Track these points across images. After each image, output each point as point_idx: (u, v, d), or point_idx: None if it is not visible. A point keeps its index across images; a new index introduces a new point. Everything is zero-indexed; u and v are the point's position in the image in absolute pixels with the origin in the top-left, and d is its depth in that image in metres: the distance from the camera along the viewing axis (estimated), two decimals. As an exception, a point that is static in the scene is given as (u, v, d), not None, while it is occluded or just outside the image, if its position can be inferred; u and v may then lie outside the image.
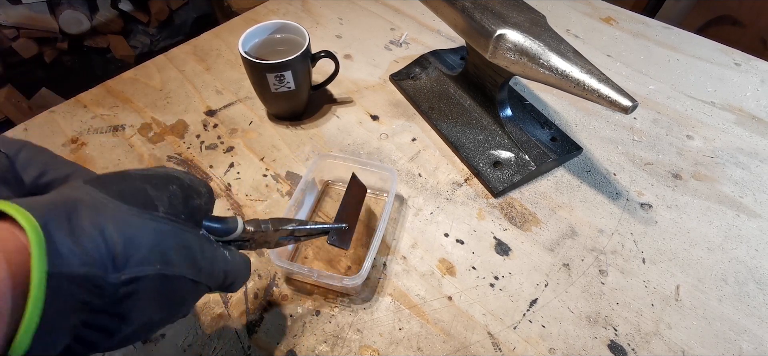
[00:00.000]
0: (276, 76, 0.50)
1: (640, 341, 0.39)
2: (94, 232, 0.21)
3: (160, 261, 0.23)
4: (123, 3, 1.57)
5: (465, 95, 0.58)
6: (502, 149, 0.52)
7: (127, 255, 0.22)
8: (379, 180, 0.48)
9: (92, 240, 0.21)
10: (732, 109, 0.60)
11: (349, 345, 0.38)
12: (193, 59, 0.66)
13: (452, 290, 0.42)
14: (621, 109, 0.39)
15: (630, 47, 0.70)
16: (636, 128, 0.58)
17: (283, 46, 0.54)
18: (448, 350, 0.38)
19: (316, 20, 0.75)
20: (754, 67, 0.66)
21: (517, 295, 0.42)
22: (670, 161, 0.54)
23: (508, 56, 0.44)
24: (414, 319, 0.40)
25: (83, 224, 0.21)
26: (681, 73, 0.65)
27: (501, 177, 0.50)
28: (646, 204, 0.49)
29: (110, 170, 0.51)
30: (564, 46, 0.43)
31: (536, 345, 0.39)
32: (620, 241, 0.46)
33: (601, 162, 0.53)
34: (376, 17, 0.76)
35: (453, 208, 0.49)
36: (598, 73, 0.41)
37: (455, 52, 0.66)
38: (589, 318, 0.40)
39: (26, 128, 0.56)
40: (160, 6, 1.63)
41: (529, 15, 0.47)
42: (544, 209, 0.48)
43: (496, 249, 0.45)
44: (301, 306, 0.41)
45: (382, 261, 0.44)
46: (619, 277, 0.43)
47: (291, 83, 0.51)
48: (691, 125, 0.58)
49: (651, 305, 0.41)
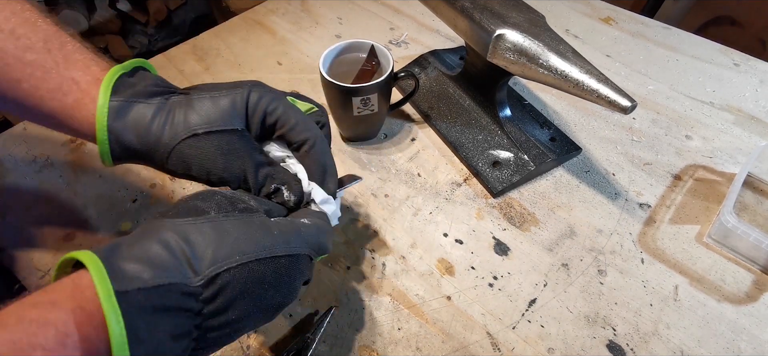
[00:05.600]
0: (362, 99, 0.48)
1: (638, 341, 0.39)
2: (156, 247, 0.23)
3: (235, 251, 0.24)
4: (121, 3, 1.57)
5: (464, 94, 0.58)
6: (501, 149, 0.52)
7: (199, 257, 0.23)
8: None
9: (158, 255, 0.23)
10: (731, 109, 0.60)
11: (347, 344, 0.38)
12: (192, 59, 0.66)
13: (451, 290, 0.42)
14: (620, 109, 0.39)
15: (629, 47, 0.70)
16: (635, 128, 0.58)
17: (344, 66, 0.53)
18: (447, 350, 0.38)
19: (316, 20, 0.75)
20: (753, 68, 0.66)
21: (516, 295, 0.42)
22: (669, 161, 0.54)
23: (508, 56, 0.44)
24: (413, 319, 0.40)
25: (145, 245, 0.23)
26: (680, 74, 0.65)
27: (500, 177, 0.50)
28: (644, 204, 0.49)
29: (108, 170, 0.51)
30: (563, 46, 0.43)
31: (535, 344, 0.39)
32: (619, 241, 0.46)
33: (600, 162, 0.53)
34: (375, 17, 0.76)
35: (452, 208, 0.49)
36: (598, 73, 0.41)
37: (454, 52, 0.66)
38: (587, 317, 0.40)
39: (25, 128, 0.56)
40: (159, 6, 1.63)
41: (528, 15, 0.47)
42: (543, 209, 0.49)
43: (495, 249, 0.45)
44: (300, 305, 0.41)
45: (381, 261, 0.44)
46: (617, 277, 0.43)
47: (375, 106, 0.49)
48: (690, 125, 0.58)
49: (650, 305, 0.41)
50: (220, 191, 0.27)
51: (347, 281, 0.43)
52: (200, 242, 0.24)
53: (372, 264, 0.44)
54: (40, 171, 0.51)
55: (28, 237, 0.45)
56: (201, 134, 0.29)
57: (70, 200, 0.48)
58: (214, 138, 0.29)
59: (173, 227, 0.24)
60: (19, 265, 0.43)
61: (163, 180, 0.50)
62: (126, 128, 0.29)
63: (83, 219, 0.47)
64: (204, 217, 0.25)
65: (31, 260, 0.44)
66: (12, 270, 0.43)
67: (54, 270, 0.23)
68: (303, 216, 0.29)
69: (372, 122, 0.53)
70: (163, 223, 0.24)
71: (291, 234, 0.27)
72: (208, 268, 0.23)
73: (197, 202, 0.26)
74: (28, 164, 0.52)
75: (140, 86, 0.29)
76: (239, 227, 0.25)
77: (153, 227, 0.24)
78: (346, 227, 0.47)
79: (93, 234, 0.46)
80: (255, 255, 0.25)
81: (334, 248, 0.45)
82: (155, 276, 0.22)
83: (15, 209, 0.48)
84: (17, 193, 0.49)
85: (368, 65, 0.54)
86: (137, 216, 0.47)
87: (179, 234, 0.24)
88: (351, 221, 0.47)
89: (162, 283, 0.22)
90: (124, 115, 0.29)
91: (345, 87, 0.47)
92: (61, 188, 0.50)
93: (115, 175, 0.51)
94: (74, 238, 0.45)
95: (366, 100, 0.48)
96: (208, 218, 0.25)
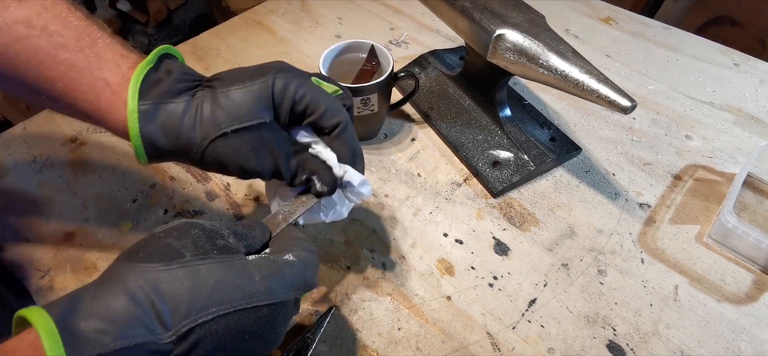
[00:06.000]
0: (362, 99, 0.48)
1: (638, 341, 0.39)
2: (122, 302, 0.21)
3: (212, 303, 0.22)
4: (121, 3, 1.57)
5: (464, 94, 0.58)
6: (501, 149, 0.52)
7: (171, 310, 0.21)
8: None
9: (123, 311, 0.20)
10: (731, 109, 0.60)
11: (347, 344, 0.38)
12: (192, 59, 0.66)
13: (451, 290, 0.42)
14: (620, 109, 0.39)
15: (629, 47, 0.70)
16: (635, 128, 0.58)
17: (344, 66, 0.53)
18: (447, 350, 0.38)
19: (316, 20, 0.75)
20: (753, 68, 0.66)
21: (516, 295, 0.42)
22: (669, 161, 0.54)
23: (508, 56, 0.44)
24: (413, 319, 0.40)
25: (109, 299, 0.21)
26: (680, 74, 0.65)
27: (500, 177, 0.50)
28: (644, 204, 0.49)
29: (108, 170, 0.51)
30: (563, 46, 0.43)
31: (535, 344, 0.39)
32: (619, 241, 0.46)
33: (600, 162, 0.53)
34: (375, 17, 0.76)
35: (452, 208, 0.49)
36: (598, 73, 0.41)
37: (454, 52, 0.66)
38: (587, 317, 0.40)
39: (25, 128, 0.56)
40: (159, 6, 1.63)
41: (528, 15, 0.47)
42: (543, 209, 0.49)
43: (495, 249, 0.45)
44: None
45: (381, 261, 0.44)
46: (617, 277, 0.43)
47: (375, 106, 0.49)
48: (690, 125, 0.58)
49: (650, 305, 0.41)
50: (198, 224, 0.26)
51: (347, 281, 0.43)
52: (172, 293, 0.22)
53: (372, 264, 0.44)
54: (40, 171, 0.51)
55: (28, 237, 0.45)
56: (230, 133, 0.28)
57: (70, 200, 0.48)
58: (243, 135, 0.29)
59: (142, 275, 0.22)
60: (19, 265, 0.43)
61: (163, 180, 0.50)
62: (157, 131, 0.28)
63: (83, 219, 0.47)
64: (178, 261, 0.23)
65: (31, 261, 0.44)
66: (12, 270, 0.43)
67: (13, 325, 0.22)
68: (288, 249, 0.27)
69: (372, 122, 0.53)
70: (131, 268, 0.22)
71: (273, 279, 0.25)
72: (181, 322, 0.21)
73: (171, 240, 0.24)
74: (28, 164, 0.52)
75: (166, 83, 0.29)
76: (216, 273, 0.23)
77: (119, 273, 0.22)
78: (346, 227, 0.47)
79: (93, 234, 0.46)
80: (233, 307, 0.23)
81: (334, 249, 0.45)
82: (118, 335, 0.20)
83: (15, 209, 0.48)
84: (17, 193, 0.49)
85: (368, 65, 0.54)
86: (137, 216, 0.47)
87: (148, 283, 0.21)
88: (351, 221, 0.47)
89: (126, 345, 0.20)
90: (154, 118, 0.28)
91: (345, 87, 0.47)
92: (61, 188, 0.50)
93: (115, 175, 0.51)
94: (74, 238, 0.45)
95: (366, 100, 0.48)
96: (183, 261, 0.23)
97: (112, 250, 0.45)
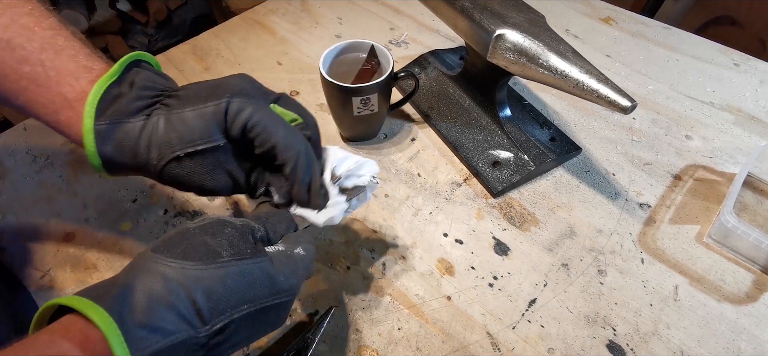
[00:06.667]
0: (362, 99, 0.48)
1: (638, 341, 0.39)
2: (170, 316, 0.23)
3: (245, 301, 0.25)
4: (121, 3, 1.57)
5: (464, 94, 0.58)
6: (501, 149, 0.52)
7: (209, 307, 0.24)
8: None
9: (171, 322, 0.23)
10: (731, 109, 0.60)
11: (348, 344, 0.38)
12: (192, 59, 0.66)
13: (451, 290, 0.42)
14: (620, 109, 0.39)
15: (629, 47, 0.70)
16: (635, 128, 0.58)
17: (344, 66, 0.53)
18: (446, 350, 0.38)
19: (316, 20, 0.75)
20: (753, 68, 0.66)
21: (516, 295, 0.42)
22: (669, 161, 0.54)
23: (507, 56, 0.44)
24: (413, 319, 0.40)
25: (154, 298, 0.23)
26: (680, 74, 0.65)
27: (500, 177, 0.50)
28: (644, 204, 0.49)
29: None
30: (563, 46, 0.43)
31: (535, 344, 0.39)
32: (619, 241, 0.46)
33: (600, 162, 0.53)
34: (375, 17, 0.76)
35: (452, 208, 0.49)
36: (598, 73, 0.41)
37: (454, 52, 0.66)
38: (587, 317, 0.40)
39: (25, 128, 0.56)
40: (159, 6, 1.63)
41: (528, 15, 0.47)
42: (543, 209, 0.49)
43: (495, 249, 0.45)
44: (300, 305, 0.41)
45: (381, 261, 0.44)
46: (617, 277, 0.43)
47: (375, 106, 0.49)
48: (690, 125, 0.58)
49: (650, 305, 0.41)
50: (230, 222, 0.27)
51: (347, 281, 0.43)
52: (211, 292, 0.24)
53: (372, 264, 0.44)
54: (40, 171, 0.51)
55: (28, 237, 0.45)
56: (183, 156, 0.28)
57: (70, 200, 0.48)
58: (197, 158, 0.29)
59: (183, 273, 0.24)
60: (19, 265, 0.43)
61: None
62: (114, 151, 0.28)
63: (83, 219, 0.47)
64: (215, 261, 0.25)
65: (32, 261, 0.44)
66: (12, 270, 0.43)
67: (36, 316, 0.23)
68: (298, 243, 0.30)
69: (372, 122, 0.53)
70: (171, 265, 0.24)
71: (294, 277, 0.28)
72: (218, 318, 0.24)
73: (207, 239, 0.26)
74: (28, 164, 0.52)
75: (126, 100, 0.29)
76: (250, 275, 0.26)
77: (159, 268, 0.24)
78: (346, 228, 0.47)
79: (93, 234, 0.46)
80: (262, 303, 0.26)
81: (334, 249, 0.45)
82: (166, 333, 0.22)
83: (15, 209, 0.48)
84: (17, 193, 0.49)
85: (368, 65, 0.54)
86: (137, 216, 0.47)
87: (190, 281, 0.24)
88: (351, 221, 0.47)
89: (173, 342, 0.23)
90: (110, 138, 0.28)
91: (345, 87, 0.47)
92: (61, 188, 0.50)
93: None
94: (74, 238, 0.45)
95: (366, 100, 0.48)
96: (220, 262, 0.25)
97: (112, 250, 0.45)
